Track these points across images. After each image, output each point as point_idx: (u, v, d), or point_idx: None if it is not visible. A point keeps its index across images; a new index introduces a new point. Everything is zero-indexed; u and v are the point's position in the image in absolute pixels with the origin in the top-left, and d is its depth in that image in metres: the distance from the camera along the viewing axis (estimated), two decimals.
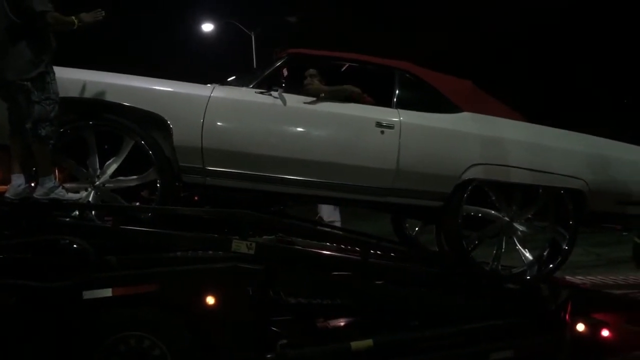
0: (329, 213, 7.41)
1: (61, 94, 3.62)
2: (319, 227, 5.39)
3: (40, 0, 3.42)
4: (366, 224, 8.20)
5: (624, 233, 4.94)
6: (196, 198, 4.99)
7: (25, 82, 3.45)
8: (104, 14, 3.64)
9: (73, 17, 3.54)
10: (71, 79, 3.76)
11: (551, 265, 4.36)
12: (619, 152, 4.57)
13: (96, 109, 3.76)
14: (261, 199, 4.58)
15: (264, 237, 4.14)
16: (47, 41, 3.55)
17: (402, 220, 5.48)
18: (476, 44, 21.34)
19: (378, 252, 4.35)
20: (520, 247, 4.37)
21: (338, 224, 7.20)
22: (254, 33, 19.12)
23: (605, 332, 3.94)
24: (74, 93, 3.71)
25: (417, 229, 5.54)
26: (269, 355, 3.38)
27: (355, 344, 3.50)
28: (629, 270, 6.71)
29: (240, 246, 3.46)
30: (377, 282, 3.89)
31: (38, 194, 3.54)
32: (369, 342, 3.51)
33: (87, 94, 3.72)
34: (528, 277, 4.31)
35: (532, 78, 20.55)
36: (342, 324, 4.14)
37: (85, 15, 3.59)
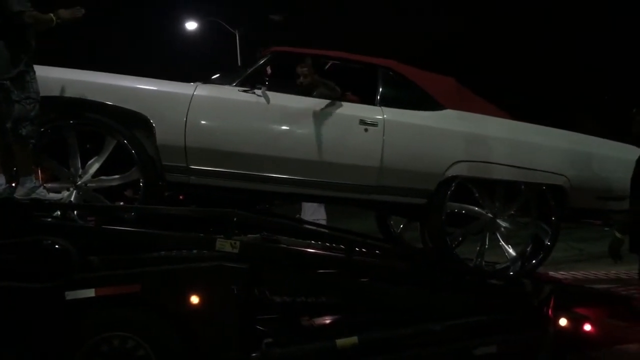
0: (313, 211, 7.41)
1: (43, 93, 3.58)
2: (304, 226, 5.38)
3: (18, 0, 3.38)
4: (352, 222, 8.21)
5: (605, 228, 4.99)
6: (181, 197, 4.96)
7: (5, 82, 3.41)
8: (83, 12, 3.59)
9: (51, 15, 3.50)
10: (53, 77, 3.73)
11: (534, 261, 4.41)
12: (600, 149, 4.63)
13: (78, 108, 3.72)
14: (246, 198, 4.57)
15: (249, 235, 4.14)
16: (26, 40, 3.51)
17: (386, 217, 5.50)
18: (460, 42, 21.46)
19: (363, 249, 4.36)
20: (503, 244, 4.43)
21: (323, 222, 7.21)
22: (238, 31, 19.03)
23: (587, 327, 3.97)
24: (56, 92, 3.67)
25: (401, 226, 5.56)
26: (254, 354, 3.37)
27: (340, 342, 3.50)
28: (611, 265, 6.79)
29: (225, 245, 3.45)
30: (362, 280, 3.89)
31: (19, 194, 3.50)
32: (354, 339, 3.52)
33: (69, 93, 3.69)
34: (511, 273, 4.36)
35: (515, 76, 20.70)
36: (327, 321, 4.14)
37: (63, 11, 3.55)
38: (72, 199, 3.76)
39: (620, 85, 19.19)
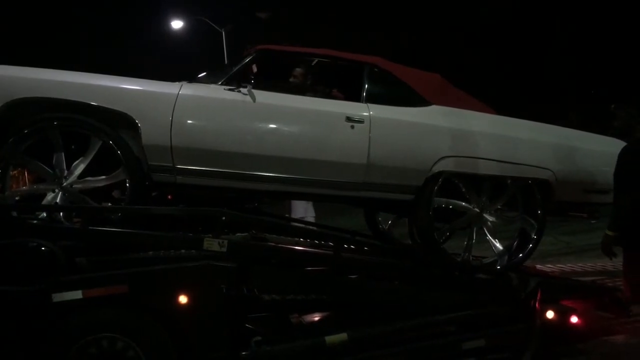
0: (302, 209, 7.42)
1: (27, 94, 3.56)
2: (293, 223, 5.38)
3: None
4: (340, 219, 8.23)
5: (592, 221, 5.04)
6: (170, 197, 4.95)
7: None
8: None
9: None
10: (37, 78, 3.70)
11: (521, 255, 4.45)
12: (585, 142, 4.68)
13: (62, 109, 3.69)
14: (234, 196, 4.56)
15: (237, 234, 4.13)
16: None
17: (375, 214, 5.52)
18: (445, 37, 21.51)
19: (352, 246, 4.37)
20: (490, 238, 4.45)
21: (312, 220, 7.22)
22: (224, 30, 18.96)
23: (574, 319, 4.01)
24: (40, 93, 3.64)
25: (390, 222, 5.58)
26: (243, 353, 3.37)
27: (329, 339, 3.51)
28: (597, 258, 6.87)
29: (213, 244, 3.44)
30: (351, 277, 3.91)
31: None
32: (343, 336, 3.52)
33: (53, 94, 3.66)
34: (498, 267, 4.39)
35: (500, 69, 20.80)
36: (316, 318, 4.16)
37: None
38: (58, 201, 3.73)
39: (607, 80, 19.36)
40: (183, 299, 3.29)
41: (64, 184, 3.74)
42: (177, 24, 20.31)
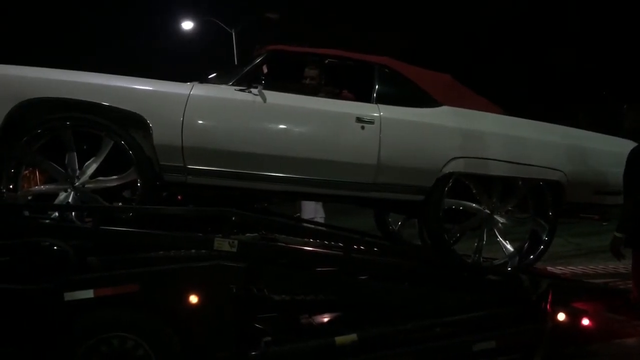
0: (312, 210, 7.42)
1: (40, 95, 3.59)
2: (302, 224, 5.39)
3: None
4: (350, 220, 8.22)
5: (604, 223, 5.00)
6: (180, 198, 4.97)
7: None
8: None
9: None
10: (49, 79, 3.72)
11: (532, 256, 4.44)
12: (597, 144, 4.65)
13: (74, 109, 3.72)
14: (244, 197, 4.57)
15: (247, 234, 4.14)
16: None
17: (385, 215, 5.52)
18: (455, 38, 21.47)
19: (361, 247, 4.37)
20: (501, 239, 4.43)
21: (322, 220, 7.23)
22: (234, 30, 19.01)
23: (585, 321, 3.99)
24: (52, 93, 3.67)
25: (399, 223, 5.58)
26: (253, 353, 3.38)
27: (339, 339, 3.51)
28: (608, 260, 6.81)
29: (223, 244, 3.45)
30: (360, 277, 3.90)
31: None
32: (353, 336, 3.52)
33: (65, 94, 3.68)
34: (509, 269, 4.37)
35: (511, 70, 20.71)
36: (326, 319, 4.15)
37: None
38: (69, 200, 3.76)
39: (619, 81, 19.22)
40: (193, 299, 3.31)
41: (76, 183, 3.77)
42: (187, 25, 20.38)
